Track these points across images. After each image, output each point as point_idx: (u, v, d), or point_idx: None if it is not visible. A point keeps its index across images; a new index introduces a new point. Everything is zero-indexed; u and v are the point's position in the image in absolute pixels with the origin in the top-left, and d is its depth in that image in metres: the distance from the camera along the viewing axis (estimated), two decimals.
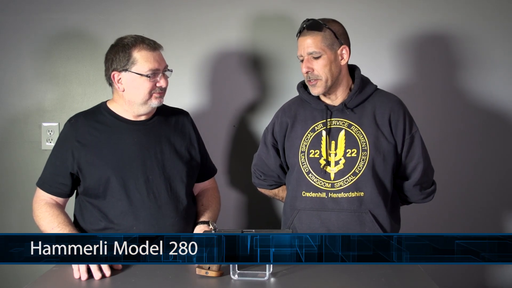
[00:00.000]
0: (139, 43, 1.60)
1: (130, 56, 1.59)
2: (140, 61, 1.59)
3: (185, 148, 1.73)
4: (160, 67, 1.62)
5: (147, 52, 1.59)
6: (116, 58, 1.60)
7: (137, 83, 1.60)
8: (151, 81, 1.60)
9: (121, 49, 1.60)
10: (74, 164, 1.62)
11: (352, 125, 1.68)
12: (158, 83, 1.62)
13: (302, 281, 1.38)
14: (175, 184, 1.66)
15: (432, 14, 2.15)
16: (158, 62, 1.61)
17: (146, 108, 1.65)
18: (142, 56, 1.59)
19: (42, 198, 1.64)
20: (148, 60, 1.59)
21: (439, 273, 1.96)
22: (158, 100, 1.64)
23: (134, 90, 1.62)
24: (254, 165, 1.89)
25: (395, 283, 1.37)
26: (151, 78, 1.60)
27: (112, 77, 1.63)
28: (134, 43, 1.60)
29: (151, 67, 1.59)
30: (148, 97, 1.62)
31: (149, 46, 1.60)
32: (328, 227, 1.65)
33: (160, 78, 1.62)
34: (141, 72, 1.59)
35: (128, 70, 1.60)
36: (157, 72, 1.61)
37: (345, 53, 1.67)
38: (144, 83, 1.60)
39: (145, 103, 1.64)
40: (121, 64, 1.60)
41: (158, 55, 1.62)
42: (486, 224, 2.21)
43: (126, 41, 1.61)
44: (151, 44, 1.61)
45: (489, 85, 2.16)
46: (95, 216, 1.63)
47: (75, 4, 2.19)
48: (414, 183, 1.72)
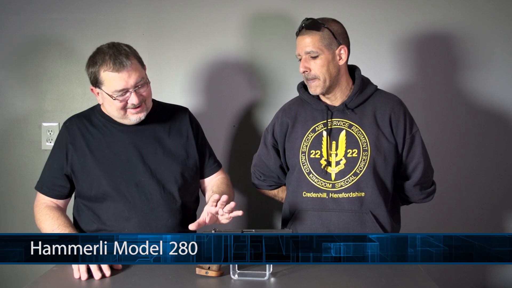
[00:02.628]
0: (105, 63, 1.53)
1: (97, 75, 1.56)
2: (106, 83, 1.55)
3: (182, 147, 1.72)
4: (127, 86, 1.55)
5: (112, 73, 1.53)
6: (88, 73, 1.60)
7: (109, 101, 1.58)
8: (120, 101, 1.57)
9: (91, 65, 1.58)
10: (67, 167, 1.63)
11: (352, 125, 1.68)
12: (129, 100, 1.58)
13: (302, 281, 1.38)
14: (168, 185, 1.65)
15: (432, 14, 2.15)
16: (125, 81, 1.54)
17: (127, 122, 1.64)
18: (107, 78, 1.54)
19: (42, 201, 1.65)
20: (112, 83, 1.54)
21: (439, 273, 1.96)
22: (136, 116, 1.61)
23: (108, 107, 1.62)
24: (254, 165, 1.89)
25: (395, 283, 1.37)
26: (119, 99, 1.56)
27: (91, 90, 1.63)
28: (102, 63, 1.54)
29: (116, 88, 1.54)
30: (123, 113, 1.60)
31: (114, 66, 1.53)
32: (328, 228, 1.65)
33: (131, 95, 1.56)
34: (109, 92, 1.56)
35: (99, 87, 1.58)
36: (125, 92, 1.56)
37: (343, 53, 1.66)
38: (113, 102, 1.57)
39: (123, 118, 1.62)
40: (92, 81, 1.59)
41: (126, 74, 1.54)
42: (486, 224, 2.21)
43: (97, 58, 1.56)
44: (116, 63, 1.53)
45: (490, 85, 2.16)
46: (89, 218, 1.64)
47: (75, 4, 2.19)
48: (415, 183, 1.72)
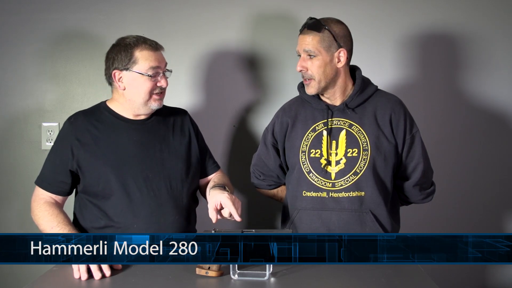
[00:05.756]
0: (141, 43, 1.62)
1: (132, 55, 1.61)
2: (142, 60, 1.61)
3: (185, 146, 1.73)
4: (160, 65, 1.64)
5: (149, 51, 1.61)
6: (118, 57, 1.62)
7: (138, 83, 1.62)
8: (152, 81, 1.62)
9: (123, 49, 1.62)
10: (73, 162, 1.62)
11: (353, 125, 1.68)
12: (158, 83, 1.63)
13: (302, 281, 1.38)
14: (175, 182, 1.66)
15: (433, 14, 2.15)
16: (159, 61, 1.63)
17: (146, 109, 1.67)
18: (143, 56, 1.61)
19: (42, 197, 1.64)
20: (149, 59, 1.61)
21: (439, 273, 1.96)
22: (157, 102, 1.66)
23: (134, 90, 1.63)
24: (253, 165, 1.89)
25: (395, 283, 1.37)
26: (151, 78, 1.61)
27: (113, 76, 1.64)
28: (136, 43, 1.62)
29: (152, 65, 1.61)
30: (148, 97, 1.63)
31: (151, 46, 1.62)
32: (328, 227, 1.65)
33: (161, 78, 1.64)
34: (142, 71, 1.60)
35: (129, 69, 1.61)
36: (158, 71, 1.63)
37: (342, 56, 1.66)
38: (145, 82, 1.61)
39: (145, 104, 1.65)
40: (122, 63, 1.61)
41: (160, 55, 1.65)
42: (486, 224, 2.21)
43: (128, 41, 1.63)
44: (153, 44, 1.64)
45: (490, 85, 2.16)
46: (95, 215, 1.63)
47: (75, 4, 2.19)
48: (414, 184, 1.72)
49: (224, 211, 1.55)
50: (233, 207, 1.51)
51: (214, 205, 1.53)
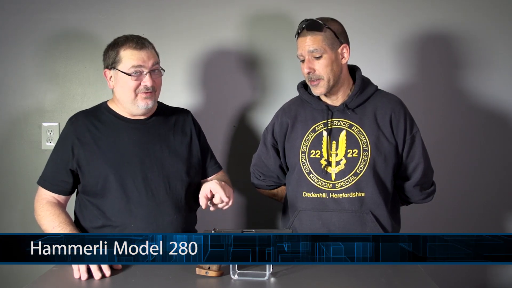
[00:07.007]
0: (127, 42, 1.62)
1: (117, 54, 1.62)
2: (125, 59, 1.61)
3: (186, 146, 1.73)
4: (144, 65, 1.61)
5: (132, 50, 1.60)
6: (107, 56, 1.65)
7: (122, 82, 1.62)
8: (135, 80, 1.61)
9: (111, 47, 1.64)
10: (73, 161, 1.63)
11: (353, 125, 1.68)
12: (143, 82, 1.62)
13: (302, 281, 1.38)
14: (174, 182, 1.66)
15: (433, 14, 2.15)
16: (142, 60, 1.60)
17: (136, 109, 1.65)
18: (126, 54, 1.61)
19: (44, 197, 1.65)
20: (131, 58, 1.60)
21: (439, 273, 1.96)
22: (144, 101, 1.63)
23: (120, 89, 1.64)
24: (253, 165, 1.89)
25: (395, 283, 1.37)
26: (134, 77, 1.61)
27: (104, 74, 1.67)
28: (123, 42, 1.62)
29: (134, 64, 1.60)
30: (134, 96, 1.63)
31: (136, 44, 1.61)
32: (329, 228, 1.65)
33: (145, 77, 1.62)
34: (125, 70, 1.61)
35: (115, 68, 1.62)
36: (141, 71, 1.61)
37: (345, 52, 1.66)
38: (128, 81, 1.61)
39: (132, 103, 1.64)
40: (109, 61, 1.64)
41: (145, 54, 1.61)
42: (486, 224, 2.21)
43: (118, 40, 1.64)
44: (139, 42, 1.62)
45: (491, 85, 2.16)
46: (93, 214, 1.63)
47: (75, 4, 2.19)
48: (415, 184, 1.72)
49: (215, 198, 1.58)
50: (221, 189, 1.54)
51: (204, 193, 1.57)
